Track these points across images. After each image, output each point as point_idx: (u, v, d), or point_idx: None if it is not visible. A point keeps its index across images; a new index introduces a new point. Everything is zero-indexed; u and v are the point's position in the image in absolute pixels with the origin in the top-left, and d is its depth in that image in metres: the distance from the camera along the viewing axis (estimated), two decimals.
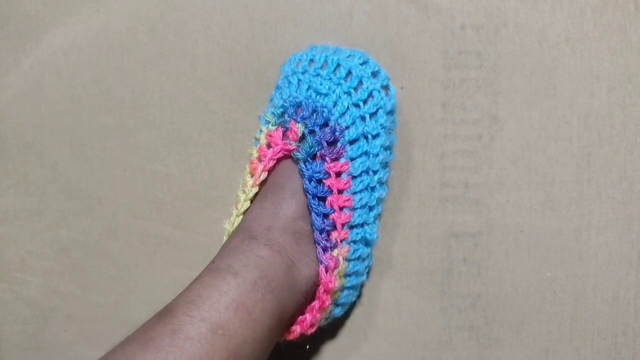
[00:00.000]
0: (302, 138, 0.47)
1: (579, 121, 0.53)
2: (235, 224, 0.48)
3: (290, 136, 0.47)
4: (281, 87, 0.51)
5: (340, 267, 0.47)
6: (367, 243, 0.50)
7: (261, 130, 0.49)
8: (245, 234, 0.46)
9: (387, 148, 0.51)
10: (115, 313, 0.55)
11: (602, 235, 0.54)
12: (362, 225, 0.49)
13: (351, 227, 0.48)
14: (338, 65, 0.49)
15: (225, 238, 0.48)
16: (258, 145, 0.49)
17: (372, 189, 0.50)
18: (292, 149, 0.47)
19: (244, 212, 0.48)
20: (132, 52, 0.54)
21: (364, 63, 0.50)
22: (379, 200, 0.51)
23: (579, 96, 0.53)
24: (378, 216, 0.51)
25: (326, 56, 0.50)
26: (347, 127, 0.48)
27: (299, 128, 0.47)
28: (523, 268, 0.54)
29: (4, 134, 0.54)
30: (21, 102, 0.54)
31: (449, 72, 0.53)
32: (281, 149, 0.47)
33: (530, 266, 0.54)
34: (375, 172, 0.49)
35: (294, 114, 0.48)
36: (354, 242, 0.49)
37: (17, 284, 0.55)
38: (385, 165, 0.51)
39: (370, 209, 0.50)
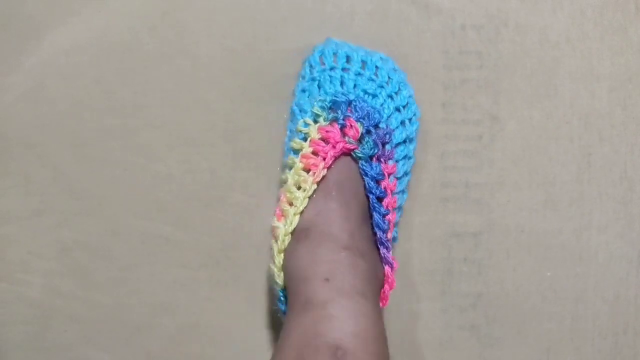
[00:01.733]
0: (360, 137, 0.47)
1: (580, 121, 0.53)
2: (294, 223, 0.45)
3: (351, 134, 0.46)
4: (319, 81, 0.50)
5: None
6: (394, 241, 0.51)
7: (306, 123, 0.48)
8: (333, 242, 0.44)
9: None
10: (116, 313, 0.55)
11: (602, 235, 0.54)
12: (395, 224, 0.50)
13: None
14: (377, 67, 0.50)
15: (281, 238, 0.45)
16: (309, 140, 0.47)
17: (403, 190, 0.51)
18: (352, 147, 0.46)
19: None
20: (133, 52, 0.54)
21: (396, 70, 0.51)
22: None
23: (580, 96, 0.53)
24: None
25: (362, 56, 0.50)
26: (394, 130, 0.49)
27: (359, 127, 0.46)
28: (524, 268, 0.54)
29: (6, 134, 0.54)
30: (23, 102, 0.54)
31: (450, 72, 0.53)
32: (343, 146, 0.46)
33: (531, 266, 0.54)
34: (406, 175, 0.50)
35: (347, 111, 0.47)
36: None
37: (19, 284, 0.55)
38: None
39: (399, 209, 0.51)
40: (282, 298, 0.47)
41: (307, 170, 0.46)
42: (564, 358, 0.55)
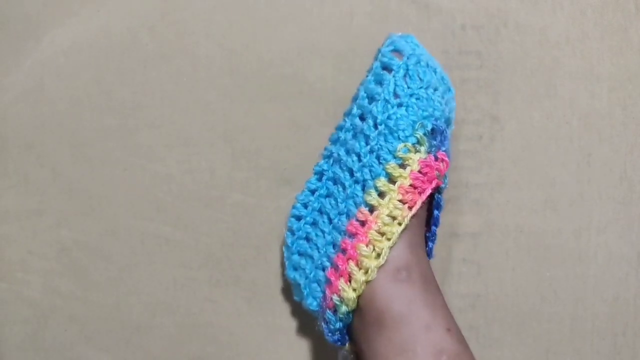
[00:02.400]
0: None
1: (580, 121, 0.53)
2: (385, 256, 0.44)
3: (440, 168, 0.45)
4: (419, 99, 0.47)
5: None
6: None
7: (408, 149, 0.46)
8: (431, 284, 0.44)
9: None
10: (115, 313, 0.55)
11: (602, 235, 0.54)
12: None
13: None
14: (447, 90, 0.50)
15: (372, 268, 0.44)
16: (410, 170, 0.45)
17: None
18: (440, 184, 0.45)
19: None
20: (132, 53, 0.54)
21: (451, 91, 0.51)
22: None
23: (580, 96, 0.53)
24: None
25: (440, 74, 0.49)
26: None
27: (449, 161, 0.46)
28: (523, 268, 0.54)
29: (5, 134, 0.54)
30: (21, 102, 0.54)
31: (450, 72, 0.53)
32: (436, 183, 0.45)
33: (530, 266, 0.54)
34: None
35: (439, 141, 0.46)
36: None
37: (18, 284, 0.55)
38: None
39: None
40: (343, 318, 0.45)
41: (404, 203, 0.45)
42: (563, 359, 0.55)
